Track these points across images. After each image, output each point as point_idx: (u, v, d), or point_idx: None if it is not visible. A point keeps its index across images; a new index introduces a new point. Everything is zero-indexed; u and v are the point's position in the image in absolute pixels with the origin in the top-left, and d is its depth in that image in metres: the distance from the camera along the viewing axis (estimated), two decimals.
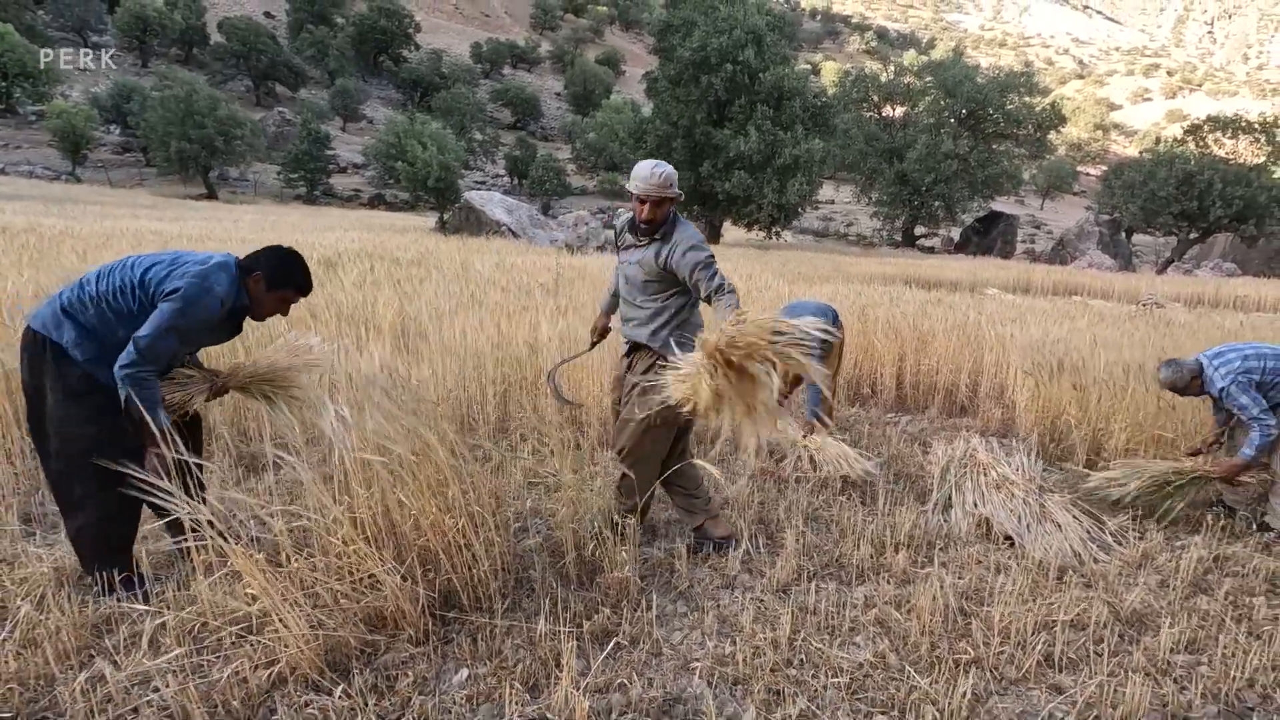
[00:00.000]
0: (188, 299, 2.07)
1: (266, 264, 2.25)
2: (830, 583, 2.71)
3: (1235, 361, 3.27)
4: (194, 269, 2.11)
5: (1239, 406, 3.23)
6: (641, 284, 2.67)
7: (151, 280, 2.10)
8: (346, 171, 50.90)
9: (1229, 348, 3.38)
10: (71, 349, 2.07)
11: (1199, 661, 2.29)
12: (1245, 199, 25.86)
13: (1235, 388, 3.22)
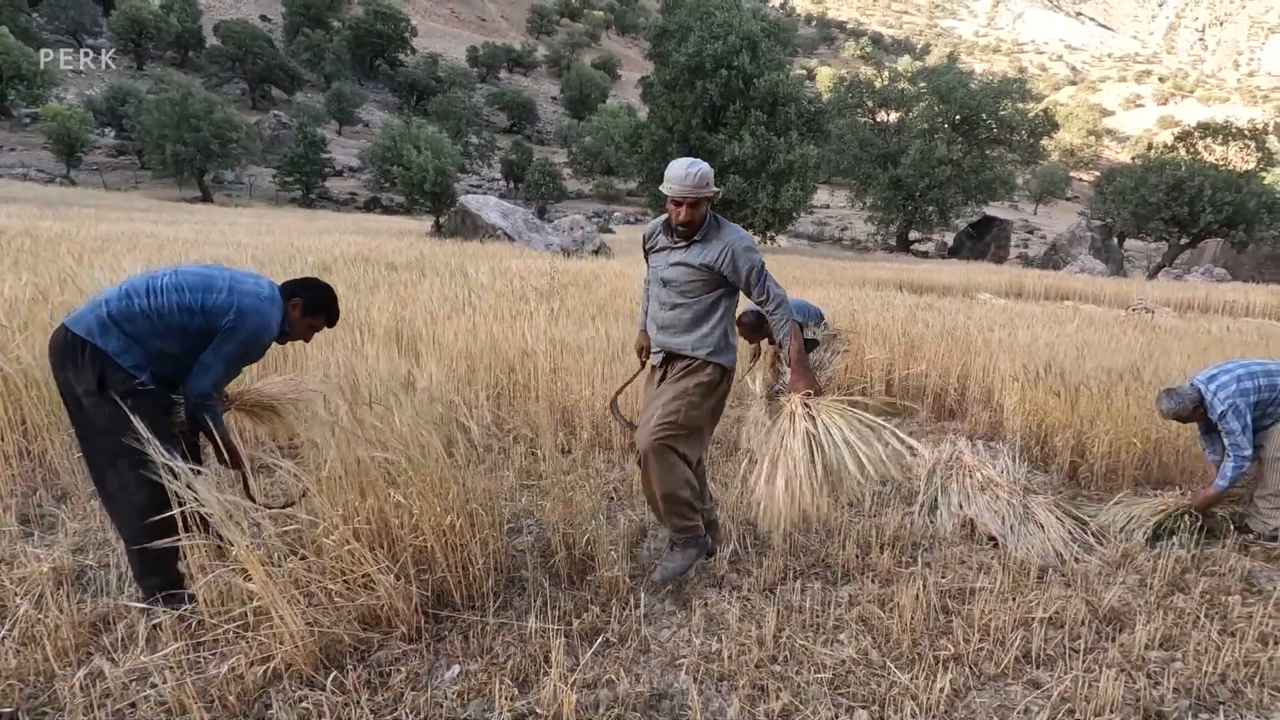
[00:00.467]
0: (253, 337, 2.25)
1: (305, 293, 2.45)
2: (816, 582, 2.77)
3: (1231, 385, 3.25)
4: (250, 302, 2.23)
5: (1228, 431, 3.23)
6: (684, 286, 2.51)
7: (214, 310, 2.19)
8: (342, 175, 50.90)
9: (1220, 370, 3.36)
10: (117, 355, 2.10)
11: (1173, 658, 2.35)
12: (1235, 205, 26.11)
13: (1232, 413, 3.21)
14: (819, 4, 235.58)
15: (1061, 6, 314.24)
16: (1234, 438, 3.22)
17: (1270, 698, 2.20)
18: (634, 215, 48.19)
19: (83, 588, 2.45)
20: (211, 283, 2.22)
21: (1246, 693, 2.20)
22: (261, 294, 2.28)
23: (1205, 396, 3.32)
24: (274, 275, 6.37)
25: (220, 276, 2.27)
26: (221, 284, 2.23)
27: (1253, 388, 3.26)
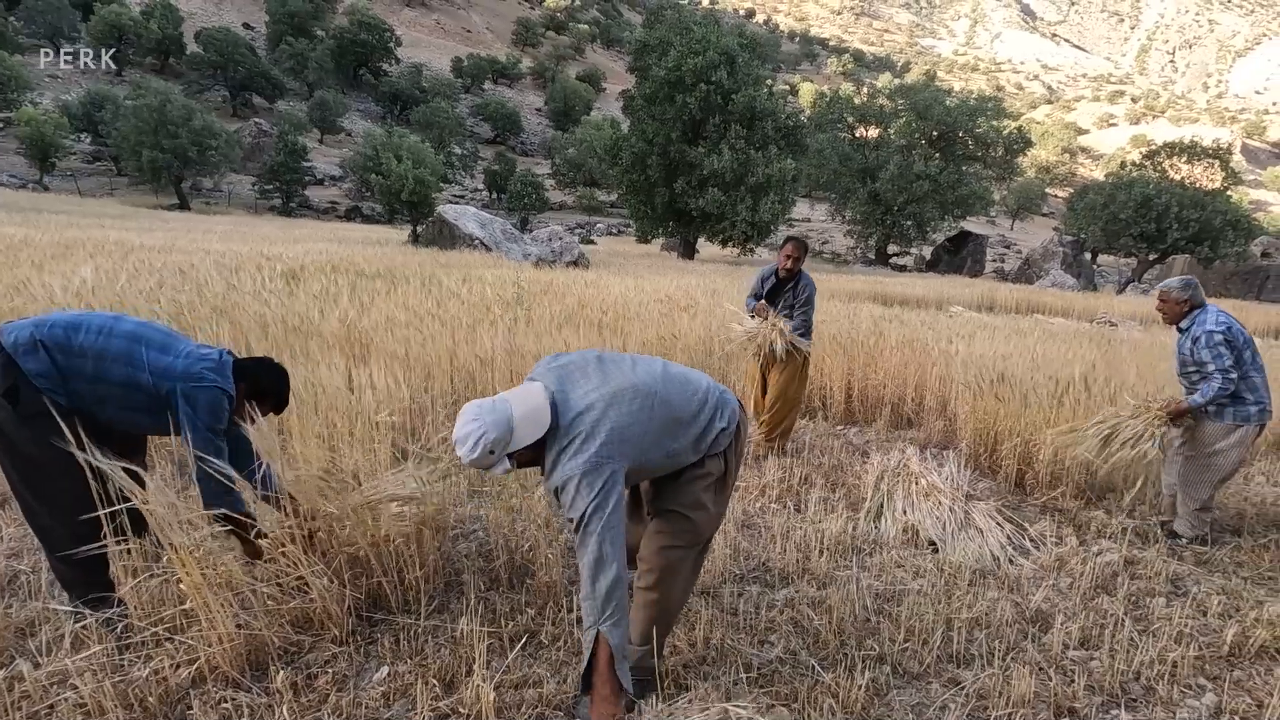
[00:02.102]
0: (212, 413, 2.11)
1: (253, 376, 2.28)
2: (755, 586, 2.82)
3: (1234, 324, 3.41)
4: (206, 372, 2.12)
5: (1215, 356, 3.31)
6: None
7: (164, 373, 2.09)
8: (323, 183, 50.65)
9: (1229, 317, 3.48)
10: (34, 377, 2.01)
11: (1092, 656, 2.42)
12: (1201, 222, 26.78)
13: (1221, 337, 3.32)
14: (802, 21, 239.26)
15: (1037, 28, 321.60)
16: (1221, 361, 3.30)
17: (1180, 694, 2.27)
18: (617, 227, 48.41)
19: (13, 592, 2.43)
20: (165, 344, 2.15)
21: (1158, 690, 2.28)
22: (204, 379, 2.11)
23: (1207, 312, 3.44)
24: (239, 282, 6.35)
25: (171, 343, 2.18)
26: (176, 351, 2.15)
27: (1237, 331, 3.39)
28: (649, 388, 1.85)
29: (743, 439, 2.04)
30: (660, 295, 8.34)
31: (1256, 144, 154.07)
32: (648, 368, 1.95)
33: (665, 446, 1.85)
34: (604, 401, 1.78)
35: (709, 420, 1.93)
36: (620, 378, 1.86)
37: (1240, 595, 2.97)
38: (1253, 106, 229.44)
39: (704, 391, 1.98)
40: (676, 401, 1.88)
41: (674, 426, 1.86)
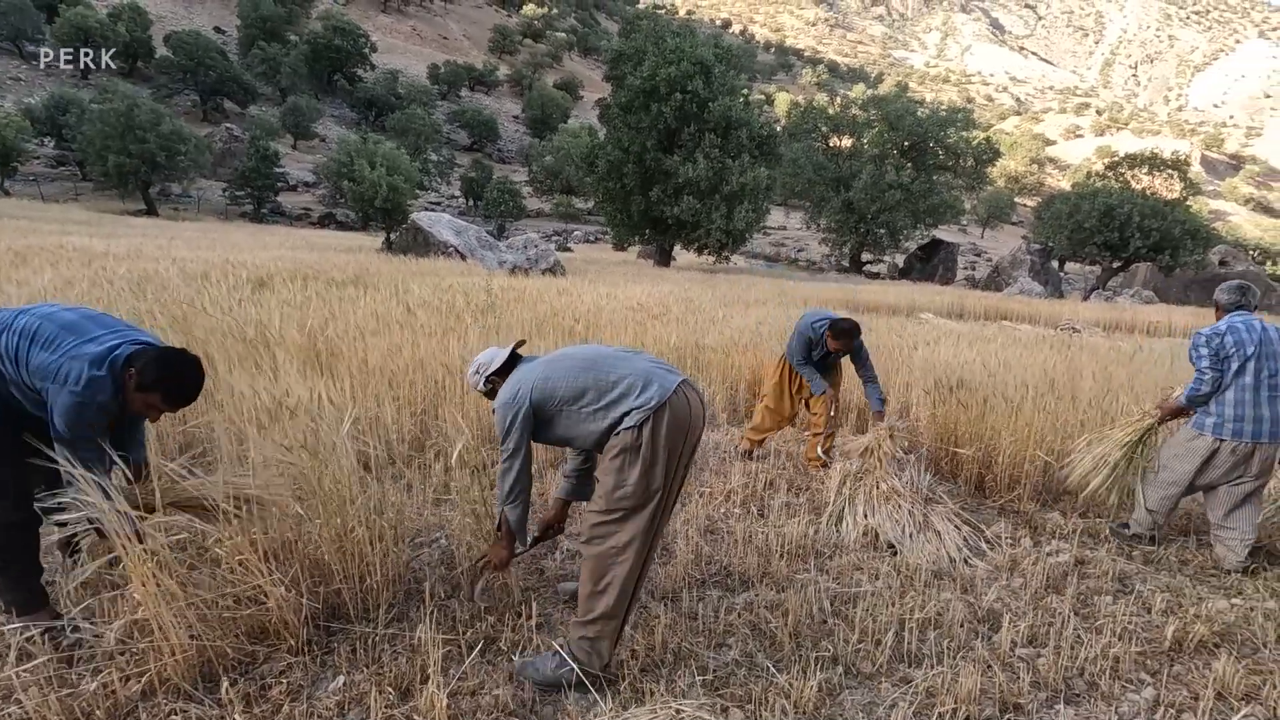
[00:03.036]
0: (66, 417, 1.99)
1: (145, 364, 2.05)
2: (716, 590, 2.85)
3: (1231, 337, 3.29)
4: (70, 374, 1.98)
5: (1196, 357, 3.35)
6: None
7: (39, 371, 2.02)
8: (297, 190, 50.01)
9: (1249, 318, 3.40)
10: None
11: (1039, 653, 2.50)
12: (1161, 231, 27.58)
13: (1204, 339, 3.32)
14: (777, 32, 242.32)
15: (1006, 41, 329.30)
16: (1198, 362, 3.33)
17: (1121, 689, 2.35)
18: (594, 234, 48.44)
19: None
20: (49, 340, 2.04)
21: (1100, 685, 2.35)
22: (81, 377, 1.97)
23: (1226, 318, 3.40)
24: (204, 290, 6.26)
25: (59, 339, 2.04)
26: (61, 347, 2.02)
27: (1232, 343, 3.27)
28: (581, 355, 2.31)
29: (668, 423, 2.10)
30: (633, 303, 8.39)
31: (1215, 156, 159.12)
32: (601, 348, 2.38)
33: (577, 402, 2.19)
34: (543, 361, 2.33)
35: (622, 394, 2.14)
36: (569, 349, 2.39)
37: (1183, 593, 3.07)
38: (1211, 119, 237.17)
39: (635, 372, 2.18)
40: (600, 371, 2.20)
41: (590, 390, 2.18)
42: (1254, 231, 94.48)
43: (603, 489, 2.15)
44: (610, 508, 2.11)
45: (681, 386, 2.17)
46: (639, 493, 2.09)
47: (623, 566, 2.10)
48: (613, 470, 2.12)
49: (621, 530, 2.11)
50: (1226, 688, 2.34)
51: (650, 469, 2.08)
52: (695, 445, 2.25)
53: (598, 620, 2.11)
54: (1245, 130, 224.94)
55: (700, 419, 2.23)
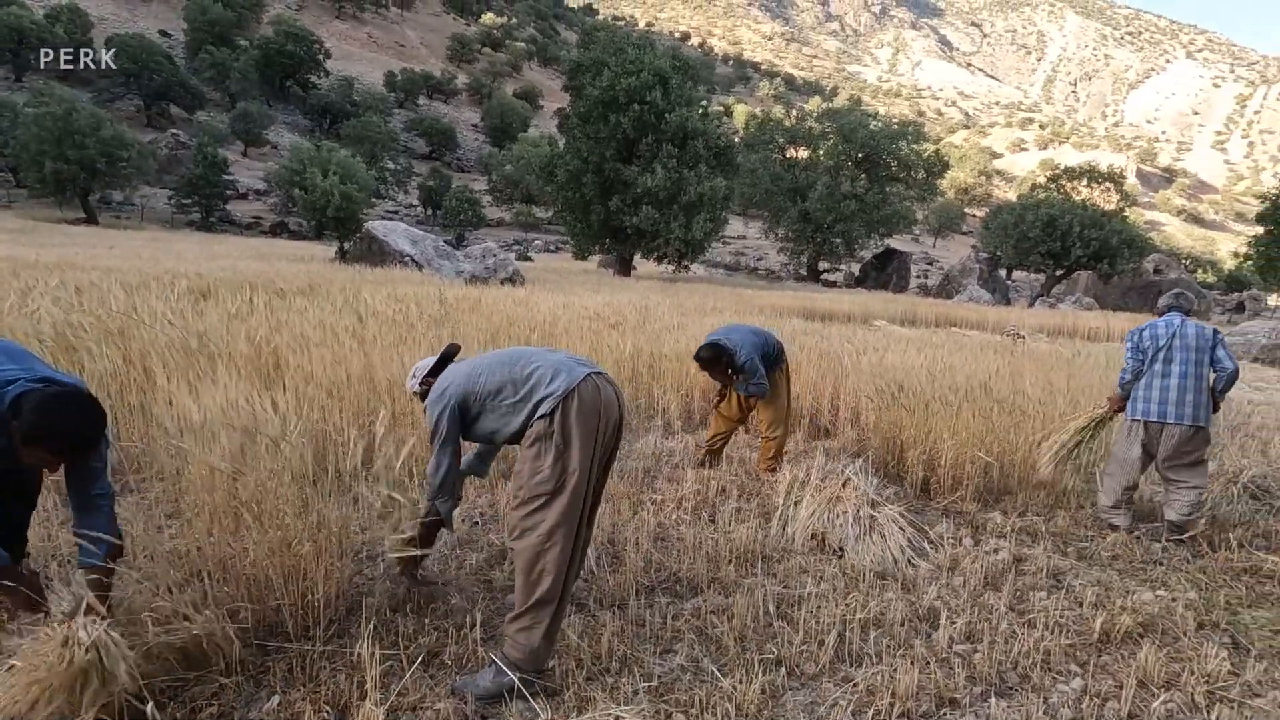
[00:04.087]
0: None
1: (25, 413, 1.77)
2: (665, 596, 2.86)
3: (1149, 333, 3.93)
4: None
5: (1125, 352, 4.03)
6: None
7: None
8: (247, 198, 48.75)
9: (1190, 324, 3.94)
10: None
11: (975, 649, 2.57)
12: (1100, 241, 28.86)
13: (1132, 336, 3.99)
14: (735, 45, 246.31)
15: (954, 57, 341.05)
16: (1126, 357, 4.01)
17: (1052, 680, 2.44)
18: (555, 244, 48.33)
19: None
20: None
21: (1033, 677, 2.44)
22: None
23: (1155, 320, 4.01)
24: (142, 302, 6.04)
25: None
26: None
27: (1149, 337, 3.90)
28: (502, 353, 2.46)
29: (578, 409, 2.18)
30: (590, 312, 8.39)
31: (1149, 169, 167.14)
32: (522, 347, 2.53)
33: (498, 396, 2.30)
34: (469, 361, 2.48)
35: (534, 386, 2.25)
36: (494, 351, 2.55)
37: (1112, 586, 3.20)
38: (1145, 134, 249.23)
39: (546, 364, 2.31)
40: (516, 366, 2.33)
41: (508, 384, 2.29)
42: (1186, 241, 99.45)
43: (522, 479, 2.21)
44: (531, 495, 2.18)
45: (591, 376, 2.28)
46: (556, 477, 2.16)
47: (553, 551, 2.14)
48: (529, 459, 2.20)
49: (545, 516, 2.16)
50: (1148, 676, 2.45)
51: (564, 453, 2.17)
52: (615, 432, 2.35)
53: (533, 608, 2.13)
54: (1176, 145, 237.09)
55: (615, 406, 2.32)
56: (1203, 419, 3.74)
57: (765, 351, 4.30)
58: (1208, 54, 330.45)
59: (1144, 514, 4.18)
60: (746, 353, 4.15)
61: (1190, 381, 3.75)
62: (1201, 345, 3.78)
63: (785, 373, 4.53)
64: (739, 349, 4.16)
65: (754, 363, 4.16)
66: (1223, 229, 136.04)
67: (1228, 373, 3.78)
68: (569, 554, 2.18)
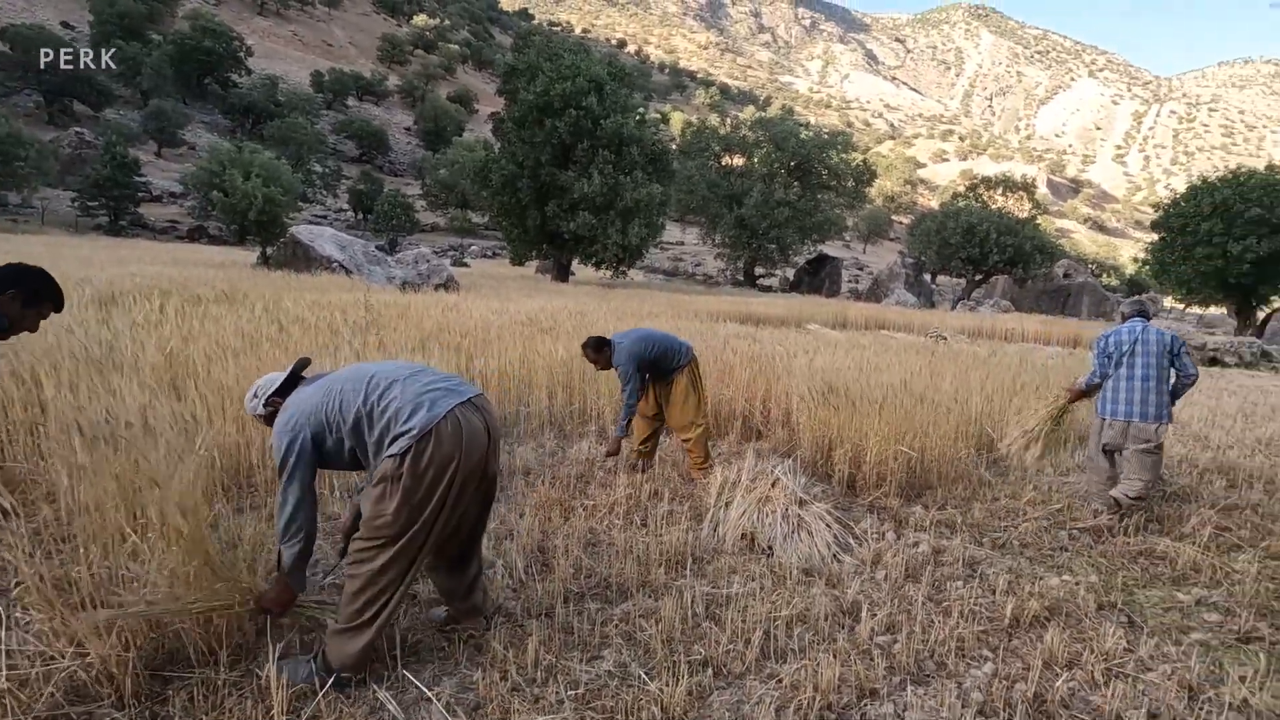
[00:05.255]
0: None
1: (18, 283, 2.34)
2: (595, 603, 2.84)
3: (1113, 339, 4.19)
4: None
5: (1092, 355, 4.32)
6: None
7: None
8: (162, 201, 46.21)
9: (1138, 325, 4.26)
10: None
11: (895, 640, 2.65)
12: (1015, 246, 30.55)
13: (1098, 343, 4.27)
14: (671, 54, 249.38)
15: (880, 71, 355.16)
16: (1092, 361, 4.30)
17: (966, 666, 2.54)
18: (492, 249, 47.67)
19: None
20: None
21: (948, 664, 2.53)
22: None
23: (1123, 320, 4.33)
24: None
25: None
26: None
27: (1113, 343, 4.17)
28: (358, 375, 2.18)
29: (434, 452, 2.03)
30: (524, 318, 8.30)
31: (1058, 180, 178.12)
32: (383, 366, 2.24)
33: (355, 427, 2.10)
34: (322, 383, 2.19)
35: (389, 420, 2.07)
36: (352, 368, 2.26)
37: (1023, 573, 3.37)
38: (1054, 147, 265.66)
39: (405, 396, 2.10)
40: (372, 393, 2.11)
41: (364, 416, 2.09)
42: (1091, 247, 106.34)
43: (365, 514, 2.10)
44: (370, 535, 2.08)
45: (459, 410, 2.11)
46: (399, 523, 2.05)
47: (381, 584, 2.09)
48: (372, 498, 2.06)
49: (380, 557, 2.07)
50: (1053, 657, 2.58)
51: (411, 500, 2.03)
52: (481, 465, 2.18)
53: (356, 628, 2.11)
54: (1082, 158, 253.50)
55: (482, 437, 2.16)
56: (1165, 416, 4.05)
57: (651, 357, 4.30)
58: (1108, 73, 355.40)
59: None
60: (621, 357, 4.20)
61: (1153, 384, 4.03)
62: (1162, 349, 4.08)
63: (693, 376, 4.50)
64: (619, 350, 4.22)
65: (626, 370, 4.18)
66: (1124, 235, 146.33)
67: (1192, 378, 4.12)
68: (395, 591, 2.12)
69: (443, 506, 2.09)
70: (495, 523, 3.52)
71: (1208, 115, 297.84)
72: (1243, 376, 12.04)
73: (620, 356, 4.20)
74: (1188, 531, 4.00)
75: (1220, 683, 2.52)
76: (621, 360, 4.19)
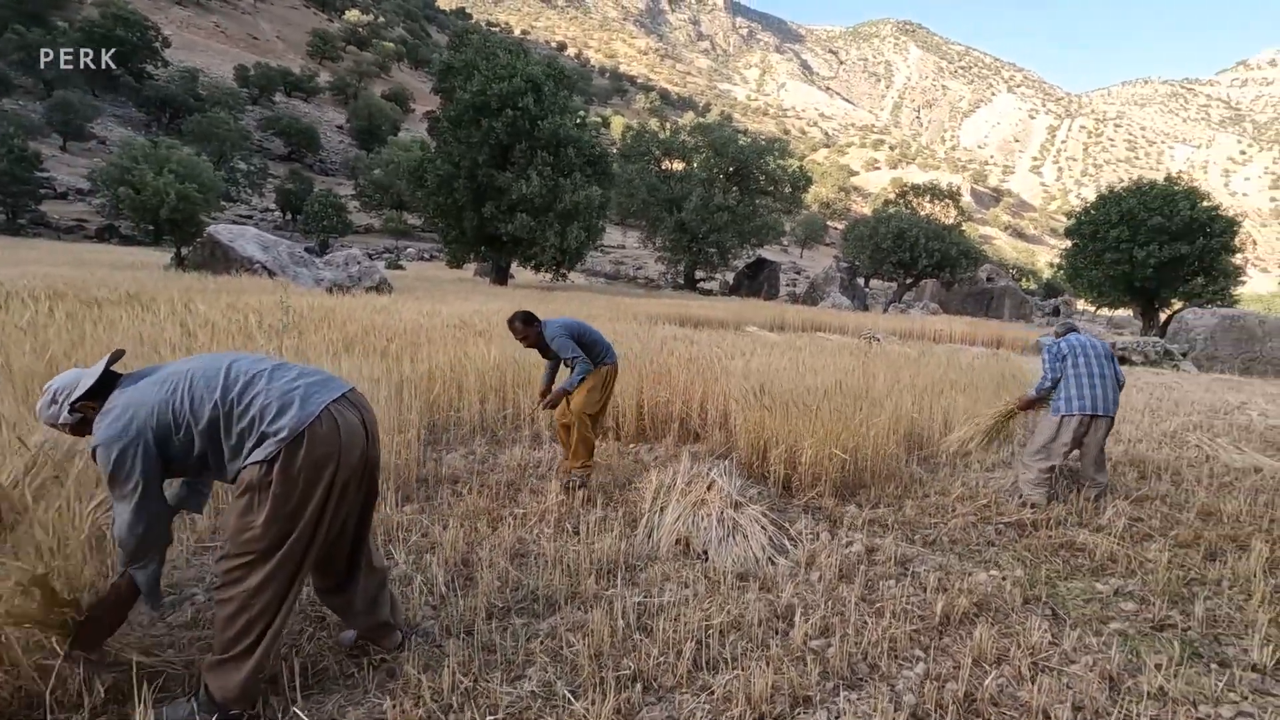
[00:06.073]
0: None
1: None
2: (520, 618, 2.69)
3: (1065, 345, 4.53)
4: None
5: (1043, 362, 4.58)
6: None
7: None
8: (68, 198, 43.29)
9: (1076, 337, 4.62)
10: None
11: (829, 644, 2.60)
12: (942, 251, 31.83)
13: (1047, 350, 4.57)
14: (611, 58, 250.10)
15: (814, 81, 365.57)
16: (1043, 366, 4.58)
17: (899, 667, 2.51)
18: (430, 251, 46.55)
19: None
20: None
21: (881, 666, 2.50)
22: None
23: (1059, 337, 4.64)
24: None
25: None
26: None
27: (1065, 346, 4.52)
28: (210, 369, 1.89)
29: (307, 456, 1.83)
30: (457, 320, 8.03)
31: (981, 189, 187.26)
32: (240, 358, 1.97)
33: (209, 429, 1.84)
34: (159, 379, 1.88)
35: (253, 420, 1.84)
36: (197, 359, 1.95)
37: (952, 569, 3.39)
38: (977, 158, 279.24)
39: (272, 393, 1.87)
40: (232, 389, 1.86)
41: (221, 416, 1.84)
42: (1012, 253, 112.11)
43: (229, 528, 1.88)
44: (238, 552, 1.86)
45: (334, 406, 1.92)
46: (271, 535, 1.84)
47: (257, 607, 1.87)
48: (238, 510, 1.85)
49: (253, 574, 1.86)
50: (982, 654, 2.58)
51: (282, 509, 1.83)
52: (364, 469, 2.01)
53: (236, 658, 1.89)
54: (1002, 169, 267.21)
55: (359, 435, 1.97)
56: (1115, 412, 4.43)
57: (585, 342, 4.22)
58: (1024, 89, 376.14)
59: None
60: (554, 329, 4.11)
61: (1109, 382, 4.42)
62: (1105, 354, 4.52)
63: (607, 379, 4.34)
64: (552, 325, 4.15)
65: (563, 340, 4.08)
66: (1040, 242, 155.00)
67: (1123, 383, 4.58)
68: (277, 611, 1.91)
69: (322, 514, 1.89)
70: (416, 535, 3.33)
71: (1114, 130, 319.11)
72: (1149, 374, 12.80)
73: (553, 329, 4.10)
74: (1104, 523, 4.15)
75: (1139, 671, 2.57)
76: (554, 333, 4.08)
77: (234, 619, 1.87)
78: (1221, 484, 5.15)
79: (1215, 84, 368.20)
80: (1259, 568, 3.51)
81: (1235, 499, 4.70)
